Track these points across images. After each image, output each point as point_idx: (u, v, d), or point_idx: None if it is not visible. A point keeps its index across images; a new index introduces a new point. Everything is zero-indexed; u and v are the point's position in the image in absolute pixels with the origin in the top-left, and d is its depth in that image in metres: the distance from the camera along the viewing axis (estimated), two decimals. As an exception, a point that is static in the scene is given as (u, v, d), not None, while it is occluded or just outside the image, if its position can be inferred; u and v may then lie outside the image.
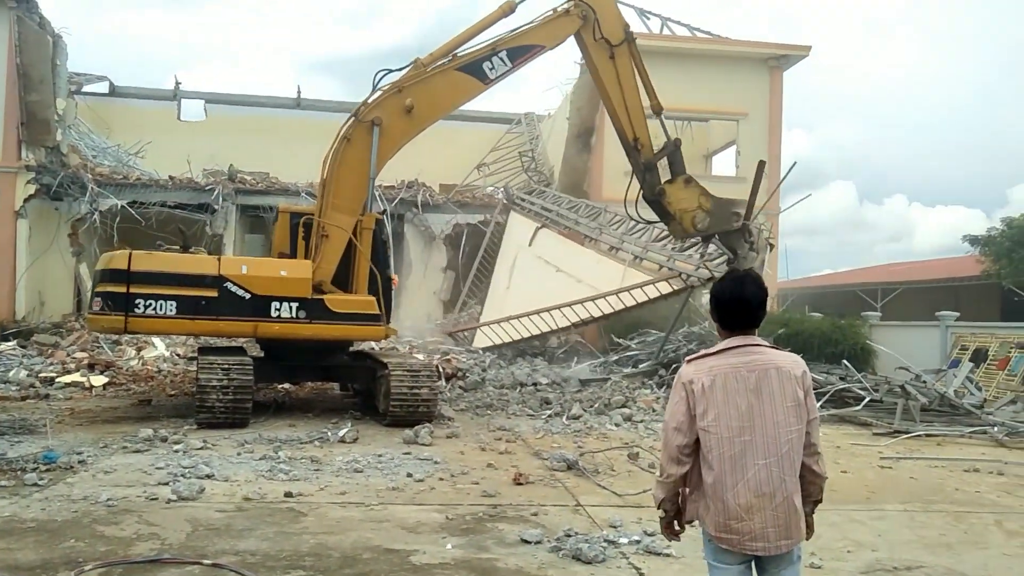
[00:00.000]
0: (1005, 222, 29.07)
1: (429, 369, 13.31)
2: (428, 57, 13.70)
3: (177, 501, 7.69)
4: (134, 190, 24.19)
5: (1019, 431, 14.04)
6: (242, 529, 6.89)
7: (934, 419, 15.21)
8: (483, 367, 18.27)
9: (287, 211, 14.36)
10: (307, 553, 6.34)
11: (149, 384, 16.27)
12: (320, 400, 15.54)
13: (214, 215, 24.18)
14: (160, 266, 12.31)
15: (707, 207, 14.51)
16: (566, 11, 14.26)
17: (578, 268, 20.37)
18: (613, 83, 14.38)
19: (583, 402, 15.06)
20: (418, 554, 6.44)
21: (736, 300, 3.84)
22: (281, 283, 12.54)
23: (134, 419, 12.45)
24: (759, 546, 3.65)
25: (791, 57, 28.02)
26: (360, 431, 11.76)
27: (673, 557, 6.59)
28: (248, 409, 12.04)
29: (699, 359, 3.86)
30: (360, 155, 13.37)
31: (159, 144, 28.72)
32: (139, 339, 19.36)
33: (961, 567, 6.75)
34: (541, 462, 10.29)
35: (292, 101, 33.66)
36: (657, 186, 14.57)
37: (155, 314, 12.03)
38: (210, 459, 9.51)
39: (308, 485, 8.58)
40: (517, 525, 7.33)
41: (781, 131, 28.06)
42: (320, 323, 12.56)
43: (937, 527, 8.01)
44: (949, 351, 22.43)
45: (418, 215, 25.67)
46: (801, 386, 3.73)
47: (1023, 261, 27.44)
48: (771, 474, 3.65)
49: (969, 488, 9.97)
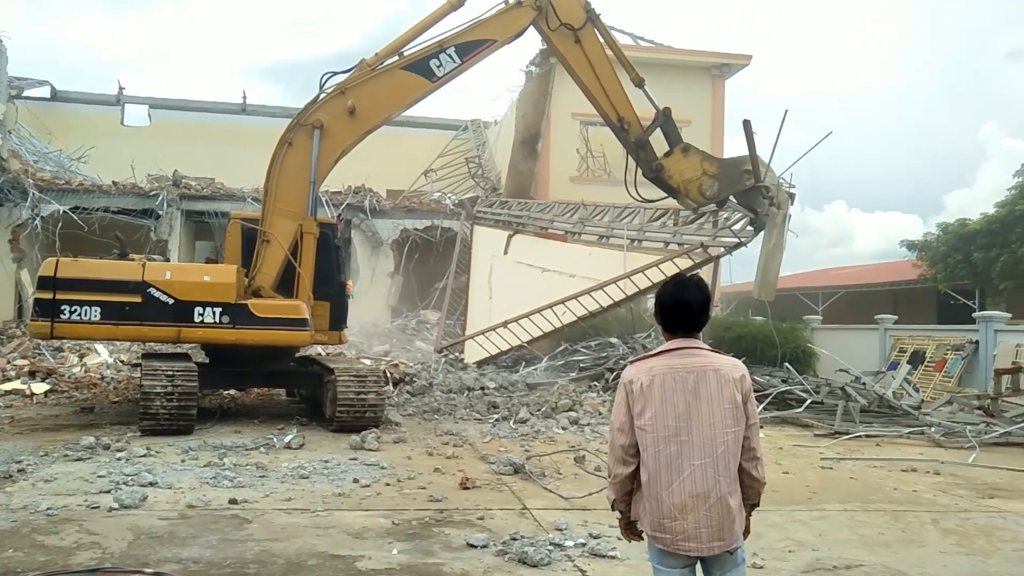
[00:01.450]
0: (941, 227, 29.75)
1: (376, 374, 13.29)
2: (374, 57, 13.54)
3: (119, 509, 7.58)
4: (76, 196, 23.89)
5: (955, 431, 14.34)
6: (185, 537, 6.83)
7: (873, 420, 15.54)
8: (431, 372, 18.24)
9: (238, 218, 14.26)
10: (251, 560, 6.30)
11: (92, 391, 15.99)
12: (266, 406, 15.43)
13: (158, 221, 23.91)
14: (85, 272, 12.34)
15: (712, 171, 14.20)
16: (519, 2, 13.87)
17: (569, 264, 19.55)
18: (584, 67, 14.02)
19: (530, 406, 15.07)
20: (364, 560, 6.44)
21: (678, 303, 3.92)
22: (204, 288, 12.44)
23: (76, 427, 12.25)
24: (692, 546, 3.72)
25: (733, 66, 28.71)
26: (306, 437, 11.70)
27: (618, 559, 6.65)
28: (193, 416, 11.93)
29: (640, 360, 3.95)
30: (302, 159, 13.29)
31: (102, 149, 28.27)
32: (82, 346, 19.05)
33: (899, 565, 6.89)
34: (488, 466, 10.32)
35: (238, 107, 33.33)
36: (654, 161, 14.25)
37: (80, 320, 12.07)
38: (153, 467, 9.39)
39: (253, 492, 8.52)
40: (463, 529, 7.36)
41: (724, 138, 28.66)
42: (244, 328, 12.41)
43: (876, 526, 8.18)
44: (888, 353, 22.98)
45: (365, 221, 25.62)
46: (739, 389, 3.80)
47: (958, 265, 28.06)
48: (706, 475, 3.71)
49: (907, 487, 10.19)
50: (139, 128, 32.30)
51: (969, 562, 7.11)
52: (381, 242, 25.81)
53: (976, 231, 27.76)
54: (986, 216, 28.09)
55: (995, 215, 27.64)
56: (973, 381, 20.12)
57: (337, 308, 14.08)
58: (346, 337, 14.72)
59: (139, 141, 30.18)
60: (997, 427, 14.59)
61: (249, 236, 13.52)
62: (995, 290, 27.57)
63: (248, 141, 28.60)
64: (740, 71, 28.99)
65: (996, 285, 26.94)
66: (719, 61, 28.48)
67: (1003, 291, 27.12)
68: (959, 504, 9.41)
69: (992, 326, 20.44)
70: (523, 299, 18.97)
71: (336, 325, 14.13)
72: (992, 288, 27.59)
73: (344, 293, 14.23)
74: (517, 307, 18.97)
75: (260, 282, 13.02)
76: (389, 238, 25.96)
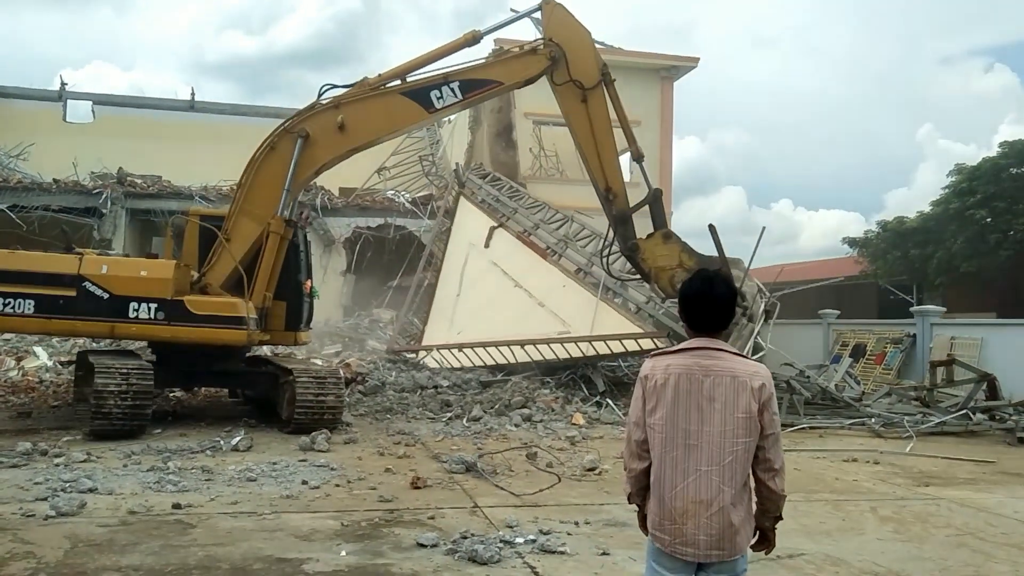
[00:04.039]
0: (880, 225, 30.96)
1: (335, 375, 13.05)
2: (376, 78, 13.27)
3: (56, 517, 7.31)
4: (15, 193, 23.45)
5: (894, 422, 14.80)
6: (125, 544, 6.62)
7: (816, 412, 15.84)
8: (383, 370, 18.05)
9: (197, 214, 14.00)
10: (195, 566, 6.13)
11: (30, 395, 15.54)
12: (214, 408, 15.13)
13: (102, 219, 23.45)
14: (20, 265, 12.16)
15: (689, 265, 13.40)
16: (533, 50, 13.46)
17: (540, 288, 18.27)
18: (585, 129, 13.50)
19: (483, 404, 15.03)
20: (311, 562, 6.31)
21: (704, 299, 3.78)
22: (141, 283, 12.18)
23: (12, 432, 11.81)
24: (689, 552, 3.62)
25: (681, 68, 29.43)
26: (254, 439, 11.50)
27: (567, 555, 6.65)
28: (148, 416, 11.64)
29: (660, 355, 3.84)
30: (280, 165, 13.05)
31: (43, 146, 27.60)
32: (20, 348, 18.57)
33: (839, 553, 7.07)
34: (440, 465, 10.24)
35: (185, 103, 32.85)
36: (631, 240, 13.74)
37: (13, 312, 11.90)
38: (93, 472, 9.11)
39: (198, 496, 8.30)
40: (414, 529, 7.26)
41: (672, 138, 29.22)
42: (179, 325, 12.15)
43: (818, 515, 8.38)
44: (831, 347, 23.48)
45: (317, 219, 25.34)
46: (757, 398, 3.65)
47: (897, 262, 29.16)
48: (711, 482, 3.60)
49: (847, 477, 10.54)
50: (82, 125, 31.70)
51: (905, 548, 7.35)
52: (333, 240, 25.59)
53: (913, 228, 28.95)
54: (922, 214, 29.28)
55: (931, 213, 28.78)
56: (911, 373, 20.73)
57: (294, 308, 13.79)
58: (304, 338, 14.40)
59: (82, 138, 29.62)
60: (933, 417, 15.12)
61: (205, 234, 13.27)
62: (931, 285, 28.58)
63: (196, 139, 28.26)
64: (688, 73, 29.56)
65: (932, 280, 28.01)
66: (668, 63, 29.10)
67: (939, 286, 28.16)
68: (896, 492, 9.76)
69: (928, 320, 21.06)
70: (489, 309, 18.55)
71: (292, 325, 13.82)
72: (928, 283, 28.63)
73: (301, 293, 13.91)
74: (481, 316, 18.53)
75: (209, 279, 12.77)
76: (341, 236, 25.76)
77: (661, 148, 28.49)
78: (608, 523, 7.73)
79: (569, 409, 14.95)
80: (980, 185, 26.93)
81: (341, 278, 25.76)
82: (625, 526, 7.47)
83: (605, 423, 14.32)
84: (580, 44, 13.49)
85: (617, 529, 7.50)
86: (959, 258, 26.55)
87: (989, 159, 28.05)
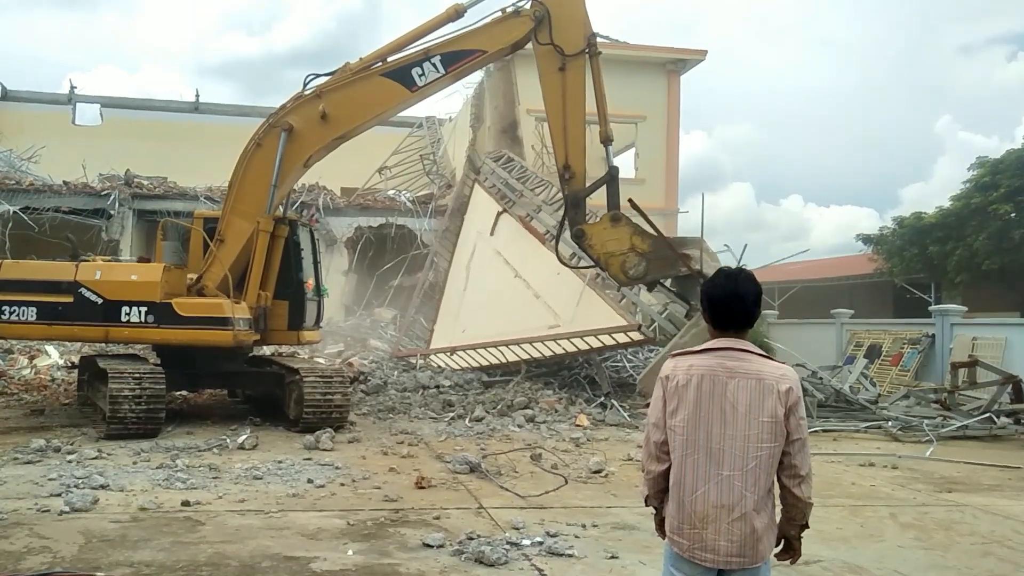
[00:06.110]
0: (896, 221, 29.74)
1: (342, 375, 13.17)
2: (358, 62, 12.99)
3: (70, 513, 7.47)
4: (27, 196, 23.67)
5: (912, 425, 14.47)
6: (137, 540, 6.76)
7: (830, 415, 15.62)
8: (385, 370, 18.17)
9: (202, 217, 14.11)
10: (204, 563, 6.25)
11: (42, 393, 15.74)
12: (219, 407, 15.28)
13: (110, 221, 23.63)
14: (24, 273, 12.75)
15: (642, 248, 12.76)
16: (516, 11, 12.84)
17: (538, 277, 17.64)
18: (556, 98, 12.82)
19: (486, 404, 15.10)
20: (318, 561, 6.41)
21: (731, 296, 3.65)
22: (131, 287, 12.41)
23: (26, 429, 12.03)
24: (708, 557, 3.53)
25: (688, 61, 28.97)
26: (260, 437, 11.64)
27: (576, 558, 6.65)
28: (161, 419, 11.78)
29: (683, 355, 3.72)
30: (268, 161, 12.97)
31: (53, 149, 27.95)
32: (32, 347, 18.76)
33: (857, 560, 6.91)
34: (444, 465, 10.31)
35: (190, 105, 33.07)
36: (577, 224, 13.06)
37: (18, 320, 12.45)
38: (105, 469, 9.28)
39: (206, 493, 8.44)
40: (419, 529, 7.34)
41: (678, 133, 28.90)
42: (167, 327, 12.32)
43: (834, 521, 8.17)
44: (844, 348, 23.13)
45: (319, 219, 25.43)
46: (783, 402, 3.50)
47: (914, 259, 28.09)
48: (732, 487, 3.49)
49: (864, 482, 10.29)
50: (91, 127, 31.99)
51: (928, 556, 7.16)
52: (335, 240, 25.67)
53: (932, 224, 27.63)
54: (941, 210, 27.95)
55: (950, 208, 27.48)
56: (929, 375, 20.27)
57: (296, 308, 13.77)
58: (308, 338, 14.29)
59: (91, 140, 29.92)
60: (954, 420, 14.69)
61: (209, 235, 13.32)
62: (951, 284, 27.56)
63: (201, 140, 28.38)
64: (695, 66, 29.20)
65: (952, 279, 26.92)
66: (674, 56, 28.71)
67: (959, 284, 27.14)
68: (917, 498, 9.50)
69: (948, 320, 20.55)
70: (491, 304, 18.46)
71: (295, 325, 13.77)
72: (948, 282, 27.58)
73: (303, 292, 13.92)
74: (483, 311, 18.47)
75: (206, 281, 12.85)
76: (343, 236, 25.83)
77: (667, 143, 28.39)
78: (616, 526, 7.70)
79: (573, 410, 14.96)
80: (1004, 179, 25.72)
81: (343, 278, 25.82)
82: (634, 529, 7.50)
83: (610, 425, 14.27)
84: (571, 7, 12.87)
85: (626, 532, 7.49)
86: (981, 255, 25.36)
87: (1014, 151, 26.83)
